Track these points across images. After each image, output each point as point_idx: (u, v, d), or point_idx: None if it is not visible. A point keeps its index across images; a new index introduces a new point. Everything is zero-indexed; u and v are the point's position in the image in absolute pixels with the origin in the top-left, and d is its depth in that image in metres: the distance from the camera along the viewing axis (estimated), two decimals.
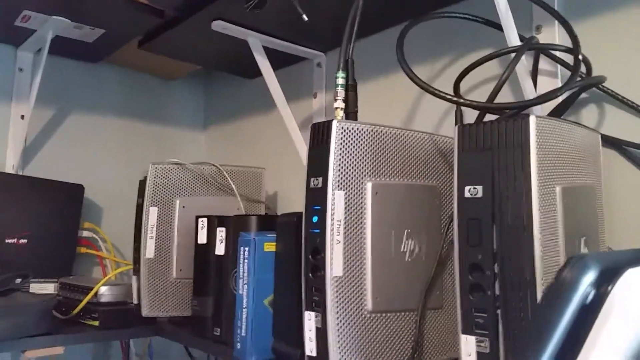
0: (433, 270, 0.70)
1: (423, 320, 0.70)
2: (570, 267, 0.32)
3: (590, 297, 0.32)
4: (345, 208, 0.63)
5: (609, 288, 0.32)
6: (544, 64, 0.82)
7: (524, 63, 0.77)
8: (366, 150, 0.66)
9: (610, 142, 0.74)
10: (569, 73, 0.73)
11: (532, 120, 0.54)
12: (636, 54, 0.74)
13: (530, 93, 0.77)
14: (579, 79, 0.75)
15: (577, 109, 0.80)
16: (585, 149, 0.66)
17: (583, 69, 0.75)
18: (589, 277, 0.32)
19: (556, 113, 0.79)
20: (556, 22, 0.80)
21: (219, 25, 1.04)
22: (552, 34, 0.81)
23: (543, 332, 0.32)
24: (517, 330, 0.53)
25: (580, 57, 0.69)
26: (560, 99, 0.78)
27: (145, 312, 1.01)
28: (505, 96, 0.87)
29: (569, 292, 0.32)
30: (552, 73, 0.81)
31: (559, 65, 0.80)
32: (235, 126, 1.51)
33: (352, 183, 0.64)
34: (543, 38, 0.82)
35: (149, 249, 1.02)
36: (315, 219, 0.63)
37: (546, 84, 0.81)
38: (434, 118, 0.99)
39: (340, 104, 0.66)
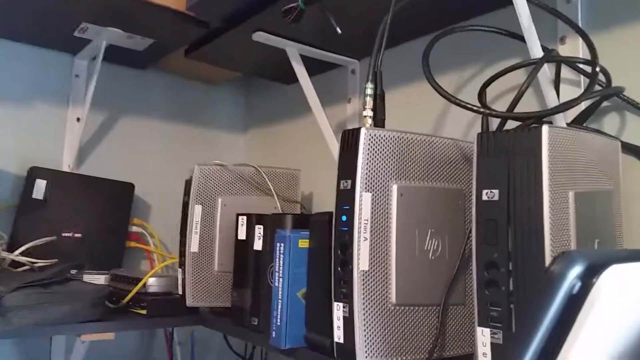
0: (456, 268, 0.75)
1: (445, 314, 0.74)
2: (558, 262, 0.37)
3: (576, 288, 0.37)
4: (372, 208, 0.69)
5: (594, 280, 0.37)
6: (568, 73, 0.85)
7: (547, 73, 0.80)
8: (392, 155, 0.71)
9: (629, 148, 0.77)
10: None
11: (545, 130, 0.58)
12: None
13: (552, 102, 0.81)
14: (599, 88, 0.79)
15: (599, 117, 0.83)
16: (603, 155, 0.69)
17: (603, 78, 0.79)
18: (576, 270, 0.37)
19: (578, 121, 0.82)
20: None
21: (259, 36, 1.11)
22: (576, 45, 0.84)
23: (534, 319, 0.37)
24: None
25: (597, 68, 0.73)
26: (582, 106, 0.82)
27: (189, 302, 1.08)
28: (531, 104, 0.91)
29: (558, 283, 0.36)
30: (575, 82, 0.84)
31: (581, 75, 0.83)
32: (274, 129, 1.58)
33: (378, 185, 0.70)
34: (567, 49, 0.86)
35: (194, 244, 1.10)
36: (344, 217, 0.69)
37: (569, 93, 0.84)
38: (462, 124, 1.03)
39: (369, 112, 0.72)
